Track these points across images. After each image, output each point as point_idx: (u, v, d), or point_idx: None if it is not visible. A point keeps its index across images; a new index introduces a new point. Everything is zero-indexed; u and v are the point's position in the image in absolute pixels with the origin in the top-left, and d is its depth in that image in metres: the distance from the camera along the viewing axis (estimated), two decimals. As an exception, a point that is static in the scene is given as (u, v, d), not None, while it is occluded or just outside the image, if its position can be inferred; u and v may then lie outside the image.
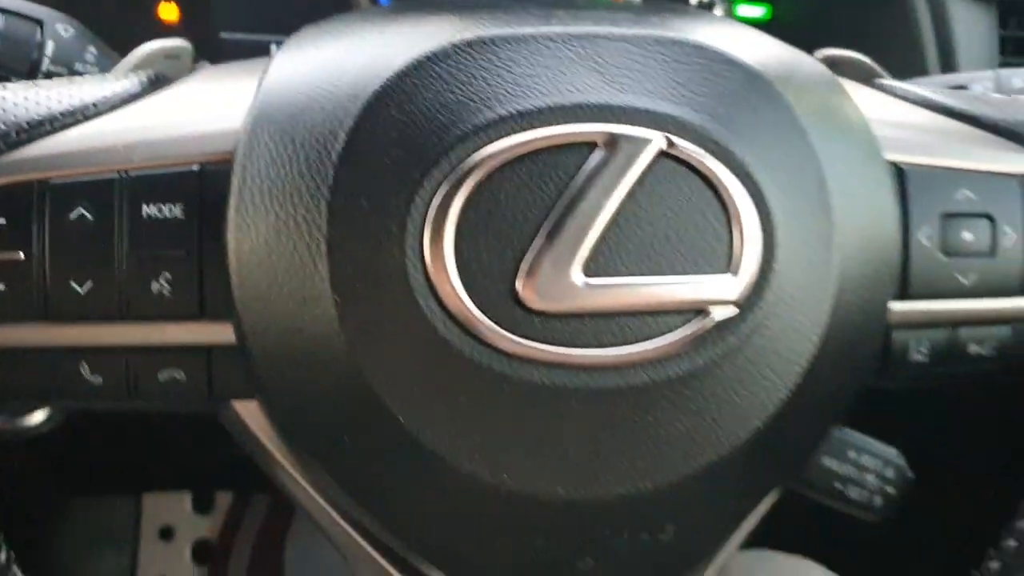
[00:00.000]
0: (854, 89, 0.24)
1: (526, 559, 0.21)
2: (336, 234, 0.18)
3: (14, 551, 0.21)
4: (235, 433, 0.22)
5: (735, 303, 0.18)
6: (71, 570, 0.75)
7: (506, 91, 0.18)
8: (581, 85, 0.18)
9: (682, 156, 0.17)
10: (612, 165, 0.17)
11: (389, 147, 0.18)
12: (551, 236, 0.17)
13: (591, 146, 0.17)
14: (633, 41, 0.19)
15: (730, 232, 0.18)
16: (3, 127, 0.19)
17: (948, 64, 0.37)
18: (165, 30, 0.44)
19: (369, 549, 0.22)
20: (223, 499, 0.77)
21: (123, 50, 0.27)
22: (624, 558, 0.21)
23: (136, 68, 0.25)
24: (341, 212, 0.18)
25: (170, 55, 0.26)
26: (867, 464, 0.24)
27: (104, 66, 0.29)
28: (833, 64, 0.26)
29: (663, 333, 0.18)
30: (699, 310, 0.18)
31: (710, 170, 0.18)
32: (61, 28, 0.29)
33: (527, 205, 0.17)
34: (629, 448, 0.19)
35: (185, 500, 0.77)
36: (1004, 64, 0.38)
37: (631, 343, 0.18)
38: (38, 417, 0.35)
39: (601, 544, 0.21)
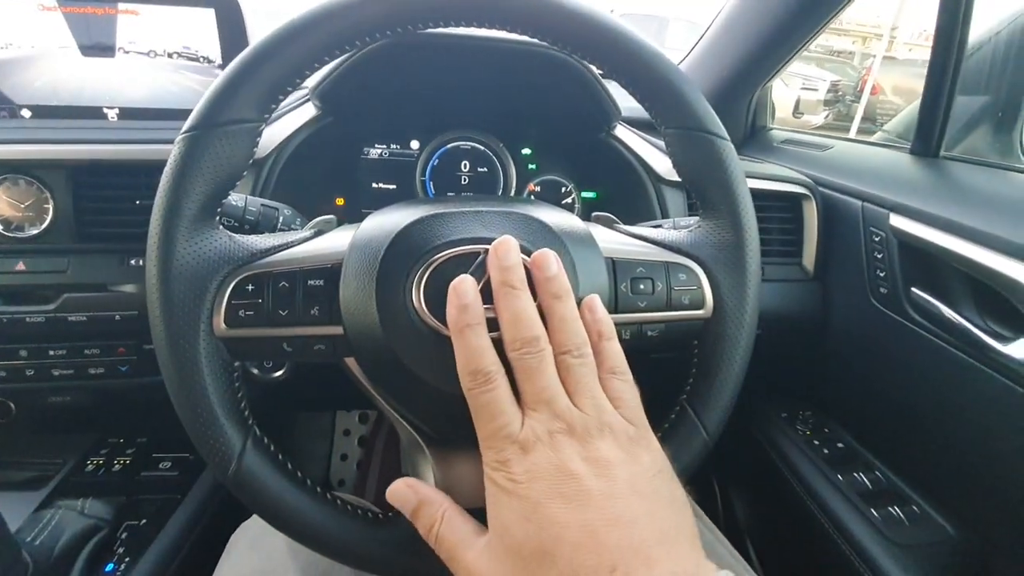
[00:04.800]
0: (601, 229, 0.42)
1: (460, 423, 0.33)
2: (379, 287, 0.34)
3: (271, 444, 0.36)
4: (348, 372, 0.40)
5: None
6: (302, 452, 1.13)
7: (445, 233, 0.35)
8: (474, 230, 0.35)
9: None
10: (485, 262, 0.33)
11: (400, 254, 0.35)
12: None
13: (478, 253, 0.34)
14: (493, 212, 0.37)
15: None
16: (259, 249, 0.37)
17: (664, 214, 0.69)
18: (338, 210, 0.77)
19: (403, 421, 0.39)
20: (373, 415, 1.20)
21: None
22: None
23: (310, 226, 0.44)
24: (381, 280, 0.35)
25: (327, 222, 0.45)
26: None
27: (299, 223, 0.52)
28: (597, 217, 0.47)
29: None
30: None
31: (525, 262, 0.33)
32: (286, 209, 0.52)
33: (451, 277, 0.33)
34: None
35: (354, 415, 1.20)
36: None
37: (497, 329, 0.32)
38: (278, 372, 0.63)
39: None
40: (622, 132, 0.74)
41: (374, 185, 0.79)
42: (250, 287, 0.36)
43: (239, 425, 0.36)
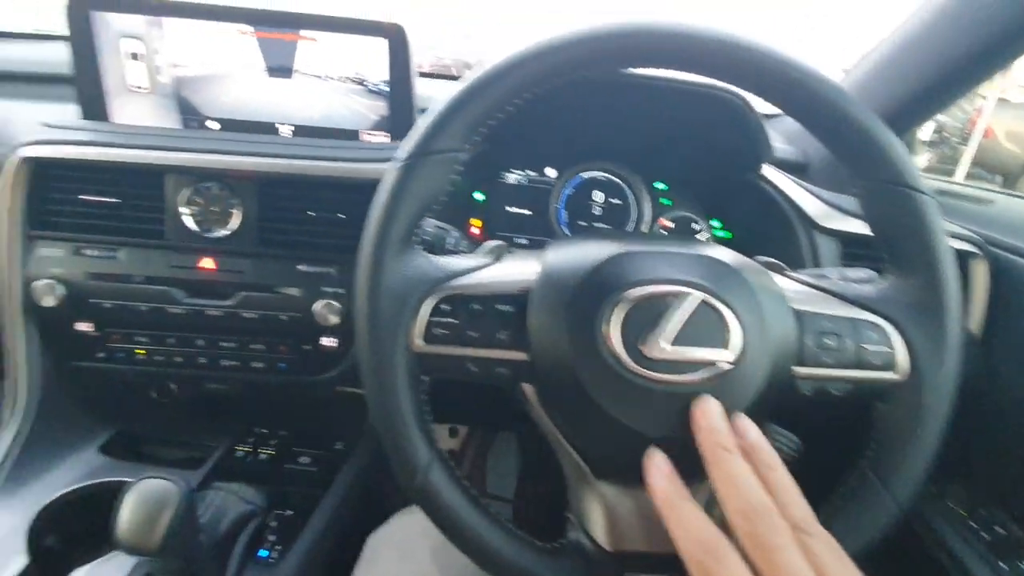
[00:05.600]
0: (774, 275, 0.42)
1: (636, 461, 0.35)
2: (572, 319, 0.36)
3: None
4: (519, 397, 0.40)
5: (729, 362, 0.35)
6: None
7: (638, 272, 0.36)
8: (666, 272, 0.36)
9: (707, 301, 0.35)
10: (683, 305, 0.35)
11: (594, 289, 0.37)
12: (655, 329, 0.35)
13: (674, 295, 0.35)
14: (683, 255, 0.38)
15: (727, 332, 0.35)
16: (453, 271, 0.39)
17: (816, 263, 0.66)
18: (473, 237, 0.78)
19: (573, 453, 0.39)
20: (462, 431, 1.21)
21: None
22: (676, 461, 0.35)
23: (487, 251, 0.44)
24: (574, 313, 0.36)
25: (499, 247, 0.45)
26: (779, 439, 0.41)
27: (465, 246, 0.55)
28: (764, 263, 0.45)
29: (698, 370, 0.35)
30: (713, 363, 0.35)
31: (718, 308, 0.35)
32: (454, 231, 0.56)
33: (650, 316, 0.35)
34: (684, 417, 0.34)
35: (444, 429, 1.21)
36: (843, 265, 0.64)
37: (688, 373, 0.35)
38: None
39: (670, 454, 0.35)
40: (770, 172, 0.72)
41: (508, 209, 0.81)
42: (446, 307, 0.38)
43: (427, 438, 0.38)
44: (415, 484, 0.37)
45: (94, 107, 0.65)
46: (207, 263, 0.64)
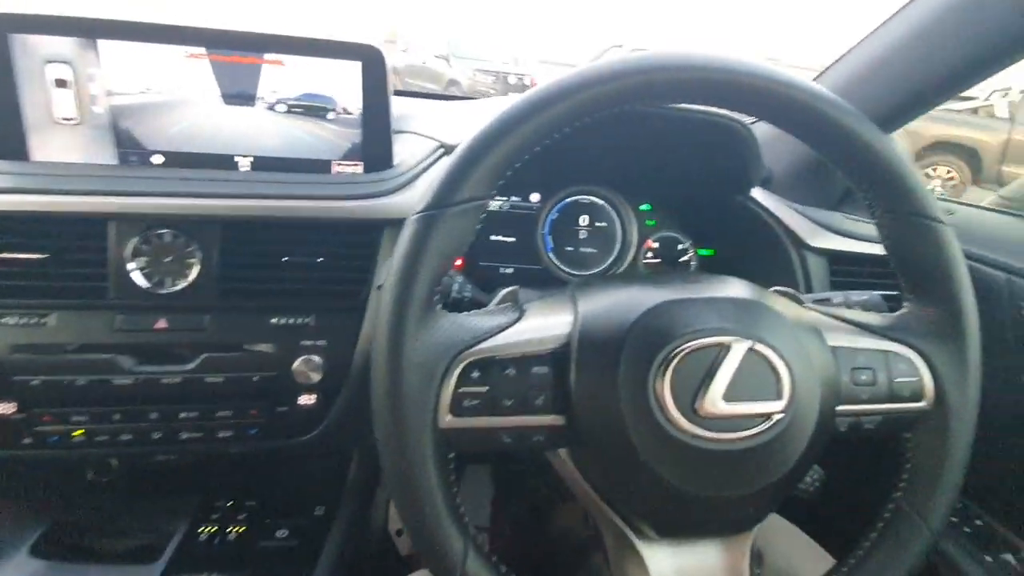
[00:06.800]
0: (799, 308, 0.41)
1: (686, 521, 0.36)
2: (620, 378, 0.33)
3: None
4: (555, 461, 0.39)
5: (782, 411, 0.34)
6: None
7: (682, 323, 0.34)
8: (710, 320, 0.35)
9: (756, 349, 0.34)
10: (731, 355, 0.33)
11: (639, 346, 0.34)
12: (708, 385, 0.33)
13: (722, 346, 0.33)
14: (730, 302, 0.37)
15: (778, 380, 0.34)
16: (481, 331, 0.36)
17: (807, 280, 0.67)
18: (456, 269, 0.69)
19: (615, 519, 0.38)
20: None
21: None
22: (725, 520, 0.36)
23: (502, 301, 0.42)
24: (623, 372, 0.33)
25: (512, 293, 0.43)
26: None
27: (470, 290, 0.51)
28: (780, 292, 0.44)
29: (756, 425, 0.34)
30: (768, 415, 0.34)
31: (766, 355, 0.34)
32: (458, 276, 0.53)
33: (700, 370, 0.33)
34: (739, 473, 0.34)
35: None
36: (833, 285, 0.67)
37: (744, 430, 0.33)
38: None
39: (720, 510, 0.35)
40: (759, 194, 0.72)
41: (492, 237, 0.77)
42: (475, 374, 0.35)
43: (459, 525, 0.35)
44: None
45: (9, 144, 0.55)
46: (161, 323, 0.55)
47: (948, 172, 5.04)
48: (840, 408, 0.38)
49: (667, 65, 0.34)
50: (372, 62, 0.64)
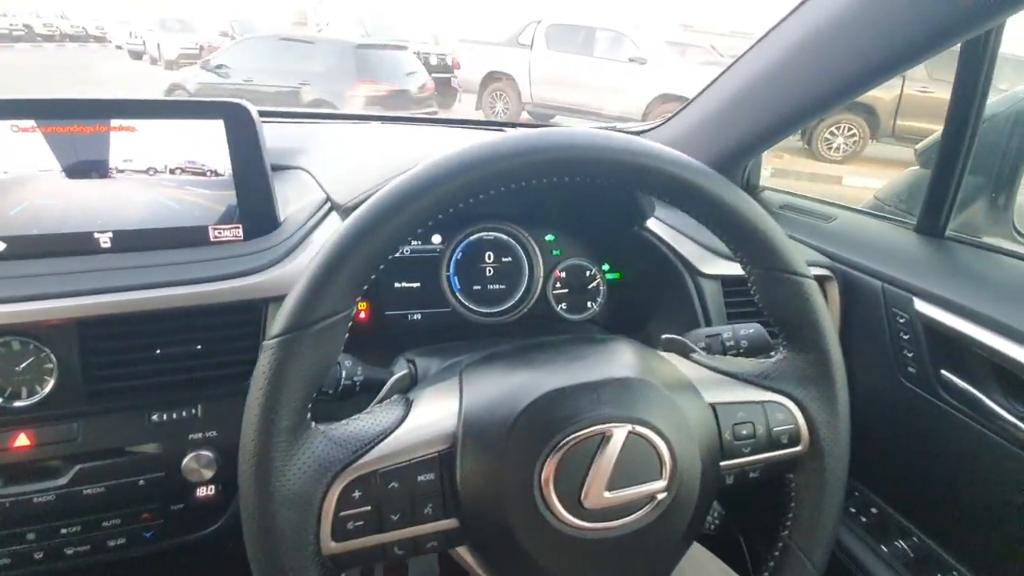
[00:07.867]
0: (683, 363, 0.43)
1: None
2: (505, 475, 0.34)
3: None
4: (456, 558, 0.38)
5: (665, 489, 0.35)
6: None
7: (566, 414, 0.35)
8: (592, 408, 0.35)
9: (636, 432, 0.35)
10: (611, 443, 0.34)
11: (521, 444, 0.34)
12: (591, 477, 0.34)
13: (602, 435, 0.34)
14: (613, 383, 0.36)
15: (659, 459, 0.35)
16: (359, 444, 0.34)
17: (702, 302, 0.70)
18: (361, 322, 0.71)
19: None
20: None
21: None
22: None
23: (391, 391, 0.44)
24: (509, 472, 0.34)
25: (401, 380, 0.45)
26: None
27: (360, 371, 0.47)
28: (670, 342, 0.47)
29: (641, 508, 0.35)
30: (652, 495, 0.35)
31: (645, 435, 0.35)
32: (346, 360, 0.47)
33: (583, 461, 0.34)
34: (632, 556, 0.36)
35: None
36: (728, 305, 0.70)
37: (630, 514, 0.35)
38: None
39: None
40: (654, 224, 0.74)
41: (397, 285, 0.75)
42: (356, 494, 0.34)
43: None
44: None
45: None
46: (21, 440, 0.50)
47: (850, 129, 5.38)
48: (724, 463, 0.40)
49: (519, 150, 0.34)
50: (236, 120, 0.59)
